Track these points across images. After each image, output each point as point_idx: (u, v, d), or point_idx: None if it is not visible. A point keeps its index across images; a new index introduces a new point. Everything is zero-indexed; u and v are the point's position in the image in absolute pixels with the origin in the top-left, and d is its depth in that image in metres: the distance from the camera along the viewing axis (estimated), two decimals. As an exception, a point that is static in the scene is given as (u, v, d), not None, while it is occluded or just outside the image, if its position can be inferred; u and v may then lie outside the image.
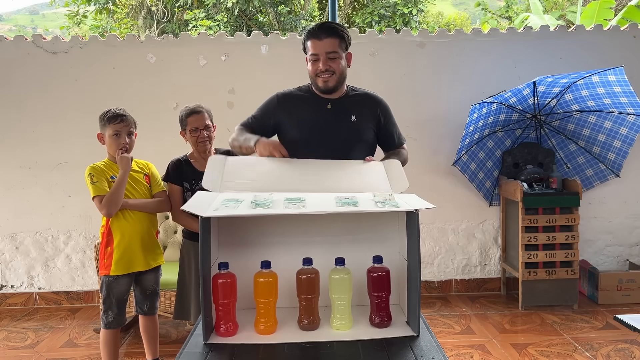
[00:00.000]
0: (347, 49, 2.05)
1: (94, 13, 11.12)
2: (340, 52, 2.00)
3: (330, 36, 1.97)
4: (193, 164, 2.59)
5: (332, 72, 1.99)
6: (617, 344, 3.00)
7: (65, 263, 3.89)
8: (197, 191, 2.61)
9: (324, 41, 1.97)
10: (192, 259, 2.54)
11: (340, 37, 1.99)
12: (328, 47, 1.97)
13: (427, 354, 1.25)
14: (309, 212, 1.34)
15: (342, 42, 2.00)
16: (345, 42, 2.02)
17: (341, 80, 2.04)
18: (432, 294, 4.00)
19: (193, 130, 2.53)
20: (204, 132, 2.54)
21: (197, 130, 2.53)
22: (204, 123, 2.55)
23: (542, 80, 3.44)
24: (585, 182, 3.87)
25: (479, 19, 15.03)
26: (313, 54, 1.99)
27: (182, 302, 2.58)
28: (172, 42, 3.81)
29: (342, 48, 2.01)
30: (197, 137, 2.54)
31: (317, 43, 1.98)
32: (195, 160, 2.62)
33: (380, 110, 2.14)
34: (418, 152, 3.92)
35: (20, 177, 3.83)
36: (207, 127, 2.56)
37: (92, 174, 2.34)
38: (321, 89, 2.04)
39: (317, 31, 1.98)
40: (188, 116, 2.55)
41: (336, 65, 1.99)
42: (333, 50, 1.97)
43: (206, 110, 2.60)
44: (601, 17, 6.94)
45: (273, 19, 10.45)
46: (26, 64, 3.76)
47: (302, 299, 1.39)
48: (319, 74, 2.00)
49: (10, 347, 3.17)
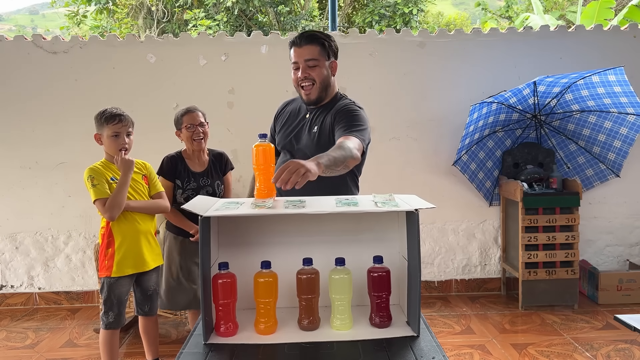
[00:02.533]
0: (330, 57, 1.99)
1: (94, 13, 11.12)
2: (322, 59, 1.95)
3: (309, 43, 1.94)
4: (187, 162, 2.71)
5: (312, 81, 1.95)
6: (617, 344, 3.00)
7: (65, 263, 3.89)
8: (187, 190, 2.69)
9: (303, 48, 1.94)
10: (174, 251, 2.70)
11: (321, 44, 1.95)
12: (307, 55, 1.94)
13: (427, 354, 1.25)
14: (309, 212, 1.34)
15: (323, 49, 1.95)
16: (327, 50, 1.96)
17: (323, 89, 1.98)
18: (432, 294, 4.00)
19: (189, 126, 2.67)
20: (198, 129, 2.68)
21: (192, 126, 2.68)
22: (199, 120, 2.70)
23: (542, 80, 3.44)
24: (585, 182, 3.87)
25: (479, 19, 15.04)
26: (294, 62, 1.98)
27: (171, 293, 2.71)
28: (172, 42, 3.81)
29: (324, 56, 1.96)
30: (192, 132, 2.68)
31: (297, 50, 1.96)
32: (189, 159, 2.73)
33: (333, 115, 1.98)
34: (418, 152, 3.93)
35: (20, 177, 3.83)
36: (202, 124, 2.71)
37: (92, 176, 2.33)
38: (304, 101, 2.03)
39: (298, 38, 1.96)
40: (183, 115, 2.71)
41: (316, 73, 1.95)
42: (312, 58, 1.93)
43: (200, 110, 2.76)
44: (601, 17, 6.94)
45: (273, 18, 10.45)
46: (26, 64, 3.76)
47: (302, 299, 1.39)
48: (300, 83, 1.98)
49: (10, 347, 3.17)
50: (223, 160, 2.83)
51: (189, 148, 2.73)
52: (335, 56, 2.02)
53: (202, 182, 2.72)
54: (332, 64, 2.00)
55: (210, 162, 2.78)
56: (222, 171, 2.82)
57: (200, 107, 2.81)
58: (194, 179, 2.68)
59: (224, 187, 2.82)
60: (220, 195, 2.76)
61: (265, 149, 1.46)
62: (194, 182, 2.68)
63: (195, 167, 2.73)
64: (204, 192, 2.71)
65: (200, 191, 2.70)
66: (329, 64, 1.98)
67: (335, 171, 1.64)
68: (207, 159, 2.78)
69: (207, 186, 2.72)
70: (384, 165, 3.85)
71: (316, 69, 1.95)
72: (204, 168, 2.75)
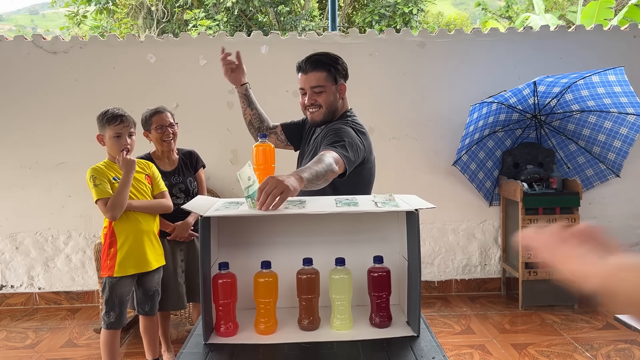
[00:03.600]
0: (337, 80, 1.96)
1: (94, 13, 11.12)
2: (329, 84, 1.94)
3: (315, 69, 1.93)
4: (156, 162, 2.73)
5: (319, 106, 1.96)
6: (617, 344, 3.00)
7: (65, 263, 3.89)
8: None
9: (309, 75, 1.94)
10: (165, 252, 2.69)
11: (327, 70, 1.94)
12: (313, 82, 1.93)
13: (427, 354, 1.25)
14: (309, 212, 1.34)
15: (329, 75, 1.94)
16: (333, 74, 1.95)
17: (329, 113, 1.98)
18: (432, 294, 4.00)
19: (159, 127, 2.68)
20: (168, 130, 2.70)
21: (162, 127, 2.69)
22: (168, 121, 2.71)
23: (542, 80, 3.44)
24: (585, 182, 3.86)
25: (479, 19, 15.03)
26: (301, 87, 1.98)
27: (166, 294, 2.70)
28: (172, 42, 3.81)
29: (330, 81, 1.95)
30: (162, 134, 2.69)
31: (303, 77, 1.96)
32: (159, 159, 2.77)
33: (324, 132, 1.95)
34: (418, 152, 3.92)
35: (20, 177, 3.82)
36: (171, 125, 2.72)
37: (94, 176, 2.33)
38: (310, 123, 2.05)
39: (304, 64, 1.95)
40: (152, 116, 2.71)
41: (322, 99, 1.95)
42: (318, 85, 1.93)
43: (169, 110, 2.76)
44: (601, 17, 6.94)
45: (273, 19, 10.45)
46: (26, 64, 3.76)
47: (302, 299, 1.39)
48: (307, 108, 1.99)
49: (10, 347, 3.17)
50: (193, 158, 2.87)
51: (158, 149, 2.76)
52: (344, 77, 2.00)
53: (174, 180, 2.75)
54: (340, 88, 1.99)
55: (180, 160, 2.82)
56: (193, 168, 2.86)
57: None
58: (165, 178, 2.70)
59: (197, 184, 2.85)
60: (194, 192, 2.81)
61: (265, 148, 1.46)
62: (166, 181, 2.70)
63: (166, 166, 2.77)
64: (177, 189, 2.75)
65: (173, 189, 2.73)
66: (336, 87, 1.97)
67: (316, 185, 1.60)
68: (176, 158, 2.82)
69: (179, 184, 2.76)
70: (384, 165, 3.82)
71: (322, 95, 1.95)
72: (174, 167, 2.78)
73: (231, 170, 3.81)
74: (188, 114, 3.68)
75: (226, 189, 3.84)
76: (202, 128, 3.77)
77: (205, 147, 3.35)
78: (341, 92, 2.00)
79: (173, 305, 2.72)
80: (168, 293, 2.69)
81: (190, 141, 3.08)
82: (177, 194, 2.75)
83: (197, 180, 2.86)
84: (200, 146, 3.05)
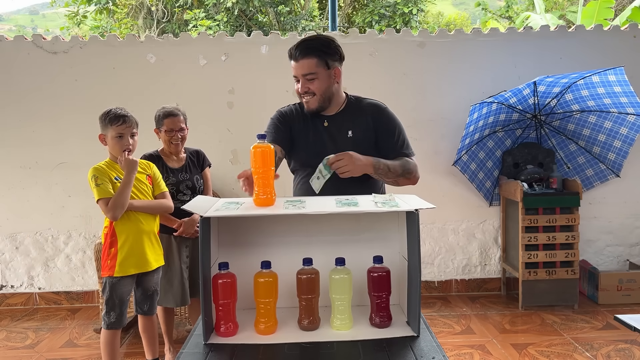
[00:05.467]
0: (330, 65, 1.91)
1: (94, 13, 11.12)
2: (320, 70, 1.90)
3: (306, 56, 1.89)
4: (164, 159, 2.78)
5: (312, 94, 1.92)
6: (618, 344, 3.00)
7: (65, 263, 3.89)
8: (167, 185, 2.71)
9: (300, 62, 1.90)
10: (165, 249, 2.69)
11: (318, 55, 1.89)
12: (304, 69, 1.89)
13: (427, 354, 1.25)
14: (309, 212, 1.34)
15: (320, 60, 1.89)
16: (324, 59, 1.90)
17: (324, 99, 1.93)
18: (432, 294, 4.00)
19: (168, 131, 2.73)
20: (177, 134, 2.75)
21: (172, 131, 2.73)
22: (179, 126, 2.76)
23: (542, 80, 3.44)
24: (585, 182, 3.86)
25: (479, 19, 15.03)
26: (294, 75, 1.95)
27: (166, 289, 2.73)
28: (172, 42, 3.81)
29: (322, 66, 1.90)
30: (171, 137, 2.74)
31: (295, 65, 1.92)
32: (167, 157, 2.81)
33: (373, 118, 1.98)
34: (418, 152, 3.86)
35: (20, 177, 3.83)
36: (181, 130, 2.77)
37: (95, 175, 2.33)
38: (305, 110, 1.98)
39: (294, 52, 1.91)
40: (165, 117, 2.74)
41: (315, 86, 1.90)
42: (309, 72, 1.89)
43: (182, 113, 2.80)
44: (601, 16, 6.94)
45: (273, 19, 10.45)
46: (26, 64, 3.76)
47: (302, 299, 1.39)
48: (301, 96, 1.95)
49: (10, 347, 3.17)
50: (200, 157, 2.93)
51: (166, 149, 2.81)
52: (339, 61, 1.95)
53: (181, 177, 2.79)
54: (335, 72, 1.94)
55: (187, 158, 2.86)
56: (199, 167, 2.90)
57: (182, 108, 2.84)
58: (172, 175, 2.75)
59: (203, 182, 2.89)
60: (200, 189, 2.84)
61: (264, 150, 1.41)
62: (173, 177, 2.75)
63: (173, 163, 2.81)
64: (184, 186, 2.78)
65: (180, 186, 2.76)
66: (329, 73, 1.92)
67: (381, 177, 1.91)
68: (184, 156, 2.86)
69: (186, 180, 2.79)
70: (384, 165, 3.84)
71: (315, 82, 1.90)
72: (181, 164, 2.83)
73: (231, 170, 3.81)
74: (188, 114, 3.63)
75: (226, 189, 3.84)
76: (202, 128, 3.77)
77: (205, 147, 3.33)
78: (336, 77, 1.94)
79: (177, 301, 2.75)
80: (173, 289, 2.72)
81: (190, 141, 3.07)
82: (184, 190, 2.78)
83: (204, 179, 2.91)
84: (201, 146, 3.04)
